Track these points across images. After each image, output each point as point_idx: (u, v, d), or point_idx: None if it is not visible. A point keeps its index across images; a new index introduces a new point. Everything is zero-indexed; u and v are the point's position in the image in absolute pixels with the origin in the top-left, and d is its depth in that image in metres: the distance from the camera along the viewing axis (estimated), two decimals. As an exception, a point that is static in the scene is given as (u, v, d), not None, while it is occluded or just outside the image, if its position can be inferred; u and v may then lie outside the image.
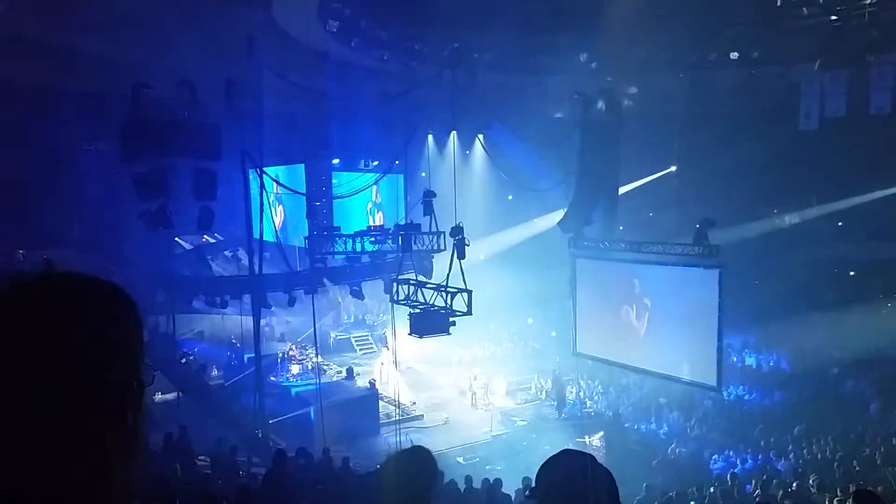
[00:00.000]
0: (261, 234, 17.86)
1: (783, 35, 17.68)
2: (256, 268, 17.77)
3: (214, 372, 22.05)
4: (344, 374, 24.93)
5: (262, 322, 19.83)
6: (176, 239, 22.21)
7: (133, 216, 16.87)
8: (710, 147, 21.15)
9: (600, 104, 18.70)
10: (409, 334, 16.79)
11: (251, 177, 17.86)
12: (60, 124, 17.07)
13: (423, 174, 23.64)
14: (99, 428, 1.02)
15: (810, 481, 12.38)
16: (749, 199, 23.51)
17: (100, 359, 1.03)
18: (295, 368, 24.88)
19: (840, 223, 24.08)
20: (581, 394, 22.89)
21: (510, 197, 27.93)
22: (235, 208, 19.79)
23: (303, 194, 21.59)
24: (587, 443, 18.29)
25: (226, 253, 26.41)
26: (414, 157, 23.44)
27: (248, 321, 18.70)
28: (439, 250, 17.89)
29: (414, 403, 23.09)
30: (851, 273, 24.27)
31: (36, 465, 0.97)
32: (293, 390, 22.43)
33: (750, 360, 23.18)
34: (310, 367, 23.95)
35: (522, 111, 22.46)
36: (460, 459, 18.59)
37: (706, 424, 19.01)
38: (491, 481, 12.24)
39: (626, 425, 20.08)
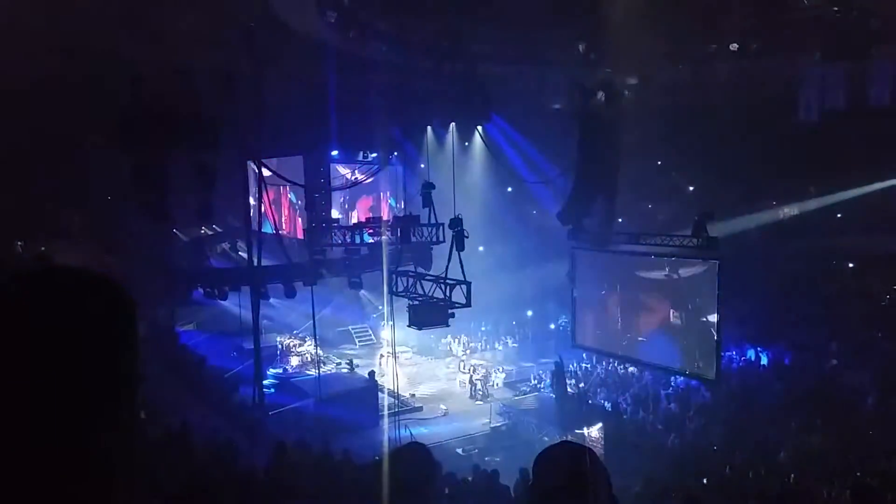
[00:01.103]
0: (259, 226, 17.83)
1: (783, 27, 17.63)
2: (255, 259, 17.76)
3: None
4: (343, 365, 24.98)
5: (261, 314, 19.83)
6: (174, 231, 22.22)
7: (132, 208, 16.84)
8: (710, 139, 21.12)
9: (599, 96, 18.66)
10: (409, 326, 16.84)
11: (249, 168, 17.85)
12: (58, 116, 17.01)
13: (422, 166, 23.60)
14: (94, 423, 1.01)
15: (808, 473, 12.43)
16: (748, 190, 23.49)
17: (94, 353, 1.02)
18: (294, 360, 24.92)
19: (839, 215, 24.07)
20: (580, 385, 22.94)
21: (509, 189, 27.91)
22: (234, 200, 19.77)
23: (301, 185, 21.57)
24: (585, 434, 18.32)
25: (224, 245, 26.41)
26: (413, 149, 23.41)
27: (247, 312, 18.71)
28: (438, 242, 17.90)
29: (413, 395, 23.15)
30: (850, 265, 24.27)
31: (30, 462, 0.96)
32: (292, 381, 22.46)
33: (748, 352, 23.20)
34: (309, 359, 23.99)
35: (522, 103, 22.41)
36: (459, 451, 18.67)
37: (704, 416, 19.05)
38: (489, 472, 12.28)
39: (624, 417, 20.12)
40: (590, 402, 21.85)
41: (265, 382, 20.74)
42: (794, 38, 17.66)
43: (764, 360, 22.75)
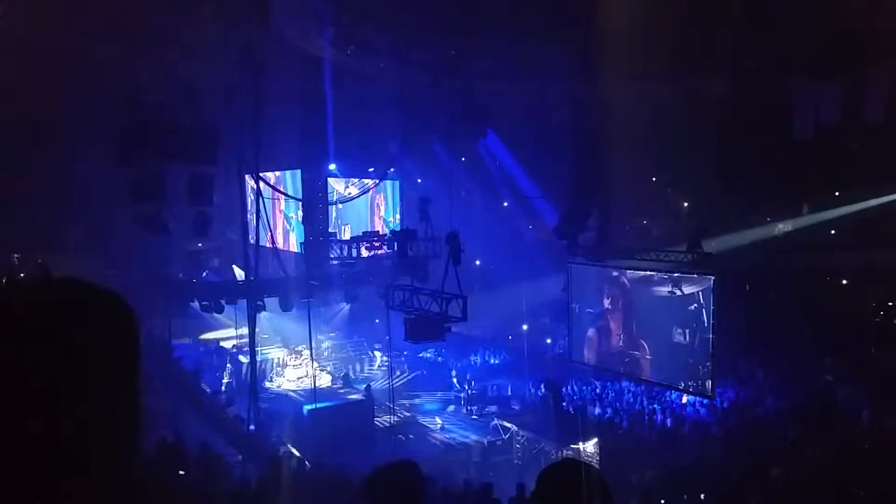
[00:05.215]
0: (256, 239, 17.85)
1: (778, 42, 17.74)
2: (252, 273, 17.75)
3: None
4: (339, 379, 24.93)
5: (258, 329, 19.80)
6: (171, 244, 22.20)
7: (129, 220, 16.86)
8: (704, 154, 21.20)
9: (595, 112, 18.79)
10: (405, 340, 16.83)
11: (247, 182, 17.87)
12: (57, 128, 17.05)
13: (419, 180, 23.69)
14: (93, 432, 1.02)
15: (802, 487, 12.44)
16: (742, 206, 23.58)
17: (96, 364, 1.03)
18: (290, 373, 24.86)
19: (833, 231, 24.16)
20: (575, 400, 22.90)
21: (505, 203, 27.99)
22: (232, 213, 19.79)
23: (299, 200, 21.62)
24: (581, 449, 18.29)
25: (215, 262, 26.40)
26: (410, 164, 23.48)
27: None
28: (435, 256, 17.93)
29: (408, 409, 23.09)
30: (844, 282, 24.35)
31: (29, 469, 0.97)
32: (288, 395, 22.39)
33: (743, 367, 23.20)
34: (305, 373, 23.94)
35: (519, 118, 22.52)
36: (454, 465, 18.60)
37: (700, 431, 19.05)
38: (482, 486, 12.25)
39: (620, 432, 20.09)
40: (585, 416, 21.80)
41: (261, 396, 20.70)
42: (789, 53, 17.77)
43: (758, 375, 22.76)
